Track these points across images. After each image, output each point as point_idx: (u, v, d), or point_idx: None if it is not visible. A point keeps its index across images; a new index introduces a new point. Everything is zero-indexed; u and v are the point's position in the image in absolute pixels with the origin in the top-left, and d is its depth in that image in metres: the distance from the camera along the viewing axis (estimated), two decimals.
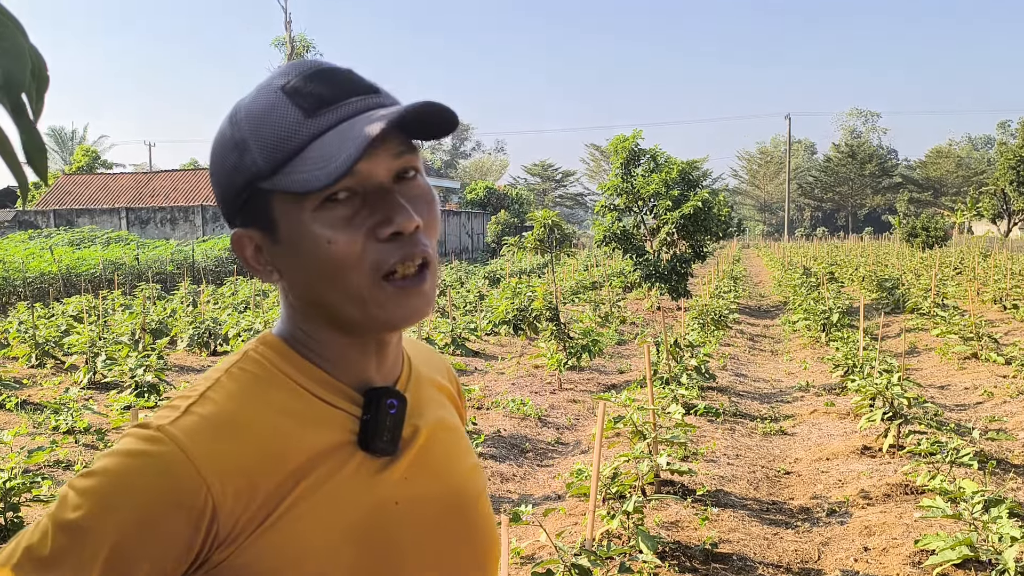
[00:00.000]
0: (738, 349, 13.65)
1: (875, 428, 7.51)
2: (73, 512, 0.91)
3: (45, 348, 12.13)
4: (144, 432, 0.95)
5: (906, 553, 5.07)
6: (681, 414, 7.12)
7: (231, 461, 0.96)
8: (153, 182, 42.85)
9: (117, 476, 0.93)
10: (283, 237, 1.01)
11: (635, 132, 19.72)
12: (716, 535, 5.41)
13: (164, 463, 0.93)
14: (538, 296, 12.86)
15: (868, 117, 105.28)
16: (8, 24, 0.81)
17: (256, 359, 1.06)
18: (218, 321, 13.99)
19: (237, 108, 1.04)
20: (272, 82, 1.02)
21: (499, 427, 8.17)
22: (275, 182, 0.98)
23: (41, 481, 5.75)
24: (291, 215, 1.00)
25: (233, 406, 1.00)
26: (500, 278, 25.62)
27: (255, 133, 1.00)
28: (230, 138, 1.02)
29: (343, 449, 1.03)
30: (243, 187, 1.01)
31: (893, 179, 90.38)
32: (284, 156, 0.98)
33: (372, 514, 1.03)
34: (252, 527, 0.96)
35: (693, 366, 9.67)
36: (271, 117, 0.99)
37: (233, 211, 1.05)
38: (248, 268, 1.07)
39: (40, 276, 23.17)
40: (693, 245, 19.78)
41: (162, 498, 0.92)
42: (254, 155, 0.99)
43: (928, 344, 13.10)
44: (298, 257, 1.01)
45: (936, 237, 39.33)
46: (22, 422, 8.51)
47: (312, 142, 0.97)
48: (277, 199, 1.00)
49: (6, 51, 0.79)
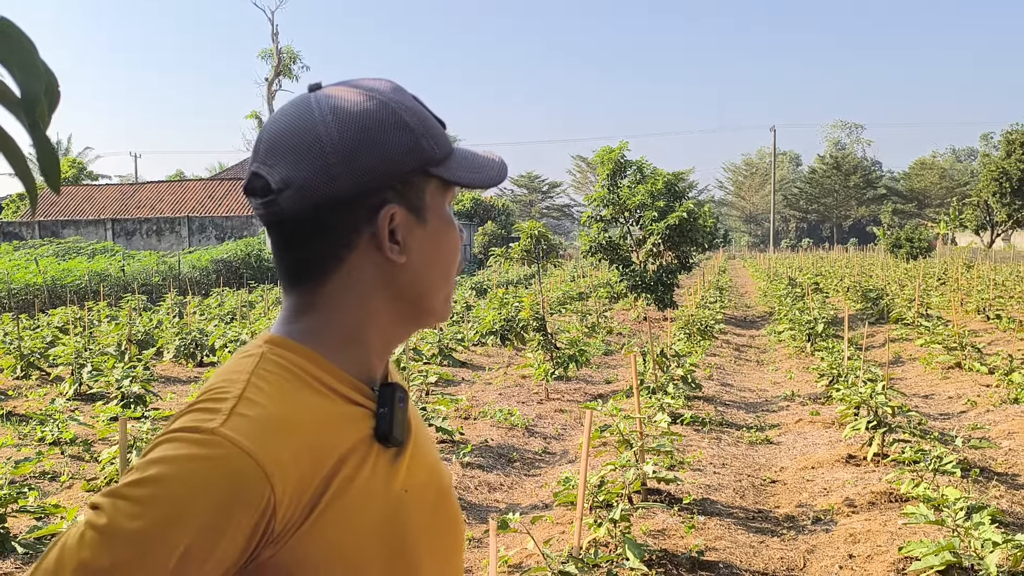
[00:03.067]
0: (724, 359, 13.71)
1: (860, 437, 7.57)
2: (133, 521, 0.90)
3: (30, 359, 12.07)
4: (197, 436, 0.95)
5: (890, 560, 5.12)
6: (667, 423, 7.17)
7: (288, 460, 0.97)
8: (139, 193, 42.70)
9: (181, 481, 0.92)
10: (429, 220, 1.12)
11: (621, 144, 19.82)
12: (703, 543, 5.45)
13: (230, 465, 0.93)
14: (525, 307, 12.90)
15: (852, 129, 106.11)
16: (23, 40, 0.84)
17: (276, 360, 1.06)
18: (205, 332, 13.96)
19: (373, 93, 1.09)
20: (387, 94, 1.10)
21: (486, 437, 8.19)
22: (447, 171, 1.11)
23: (27, 492, 5.74)
24: (438, 202, 1.13)
25: (275, 407, 1.01)
26: (487, 289, 25.63)
27: (422, 124, 1.10)
28: (391, 120, 1.07)
29: (364, 443, 1.07)
30: (414, 168, 1.09)
31: (877, 191, 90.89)
32: (446, 153, 1.11)
33: (392, 504, 1.07)
34: (297, 524, 0.98)
35: (679, 376, 9.72)
36: (429, 118, 1.12)
37: (373, 188, 1.07)
38: (391, 241, 1.09)
39: (25, 287, 23.05)
40: (679, 256, 19.86)
41: (232, 499, 0.92)
42: (429, 141, 1.09)
43: (912, 354, 13.19)
44: (437, 241, 1.13)
45: (920, 248, 39.62)
46: (8, 433, 8.48)
47: (453, 150, 1.13)
48: (433, 186, 1.12)
49: (23, 68, 0.82)
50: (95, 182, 54.84)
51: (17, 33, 0.84)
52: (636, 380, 6.29)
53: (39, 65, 0.84)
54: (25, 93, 0.82)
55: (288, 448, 0.98)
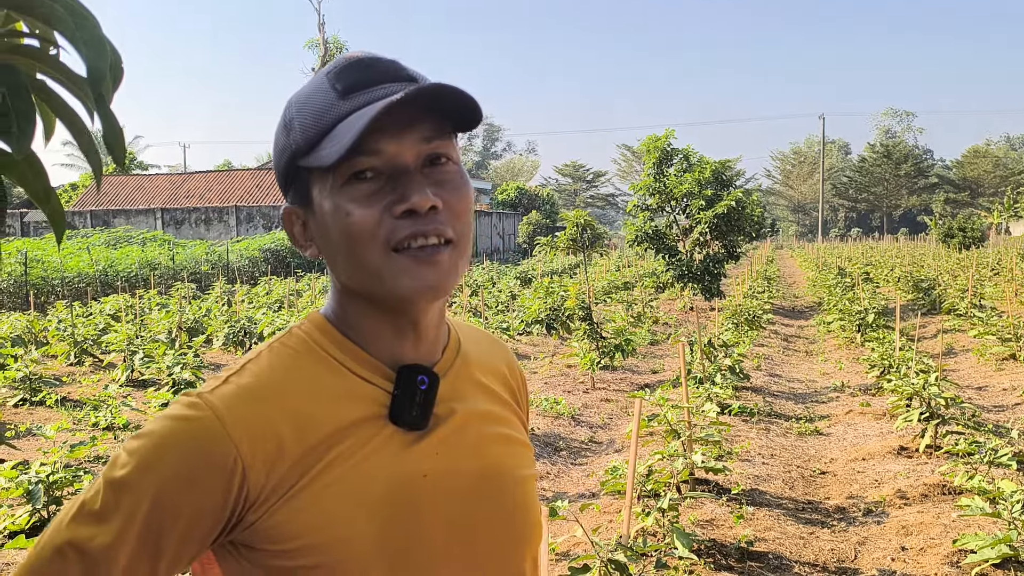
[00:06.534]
0: (772, 349, 13.58)
1: (912, 428, 7.45)
2: (120, 470, 0.99)
3: (84, 346, 12.30)
4: (187, 400, 1.03)
5: (944, 553, 5.03)
6: (716, 413, 7.12)
7: (260, 426, 1.02)
8: (188, 183, 43.29)
9: (159, 438, 1.00)
10: (317, 211, 1.08)
11: (667, 132, 19.67)
12: (751, 534, 5.39)
13: (199, 427, 1.00)
14: (571, 296, 12.86)
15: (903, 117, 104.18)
16: (88, 18, 0.85)
17: (299, 335, 1.12)
18: (253, 320, 14.11)
19: (293, 94, 1.12)
20: (322, 70, 1.10)
21: (533, 425, 8.19)
22: (307, 159, 1.05)
23: (82, 475, 5.84)
24: (322, 190, 1.06)
25: (268, 376, 1.07)
26: (531, 278, 25.62)
27: (299, 114, 1.07)
28: (282, 121, 1.11)
29: (374, 422, 1.08)
30: (287, 165, 1.09)
31: (929, 179, 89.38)
32: (318, 134, 1.05)
33: (399, 485, 1.07)
34: (282, 491, 1.02)
35: (727, 366, 9.64)
36: (311, 99, 1.07)
37: (285, 190, 1.13)
38: (294, 243, 1.15)
39: (78, 276, 23.48)
40: (726, 245, 19.68)
41: (195, 459, 0.99)
42: (296, 134, 1.07)
43: (965, 345, 12.95)
44: (327, 230, 1.07)
45: (973, 238, 38.83)
46: (62, 418, 8.64)
47: (340, 122, 1.04)
48: (314, 176, 1.07)
49: (88, 43, 0.82)
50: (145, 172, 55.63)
51: (83, 11, 0.85)
52: (684, 369, 6.24)
53: (105, 42, 0.84)
54: (91, 69, 0.82)
55: (263, 414, 1.03)
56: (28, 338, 12.85)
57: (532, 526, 1.21)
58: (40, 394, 9.51)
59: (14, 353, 10.54)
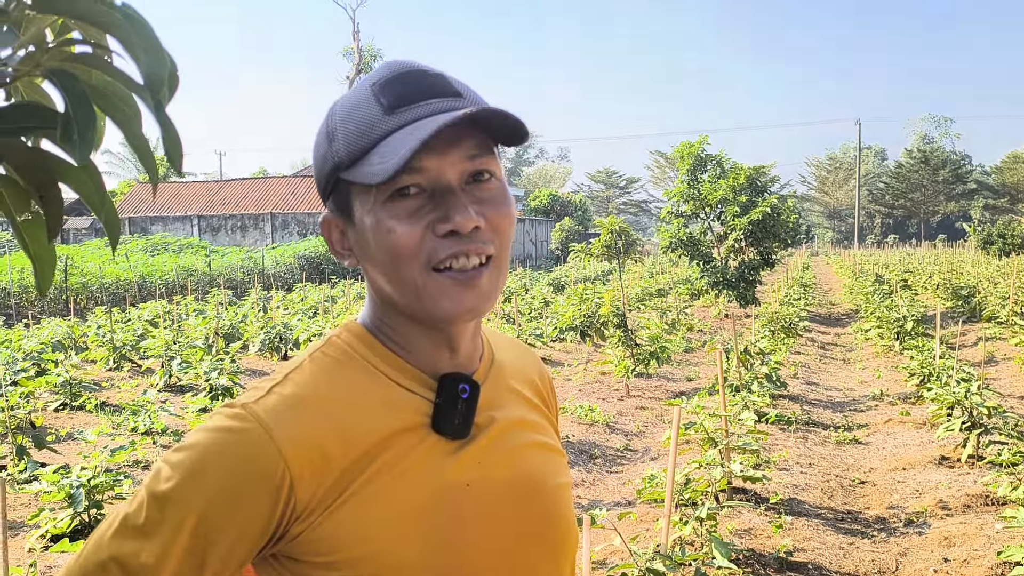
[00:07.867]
0: (809, 357, 13.45)
1: (953, 438, 7.35)
2: (164, 483, 0.98)
3: (122, 352, 12.43)
4: (230, 411, 1.02)
5: (988, 565, 4.95)
6: (753, 421, 7.05)
7: (307, 438, 1.01)
8: (224, 190, 43.69)
9: (204, 450, 0.99)
10: (358, 224, 1.07)
11: (701, 137, 19.57)
12: (790, 543, 5.34)
13: (246, 439, 0.99)
14: (605, 302, 12.81)
15: (941, 122, 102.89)
16: (145, 25, 0.85)
17: (339, 344, 1.11)
18: (288, 326, 14.20)
19: (336, 101, 1.11)
20: (366, 79, 1.08)
21: (567, 433, 8.16)
22: (351, 173, 1.04)
23: (123, 480, 5.90)
24: (365, 204, 1.05)
25: (312, 387, 1.06)
26: (564, 285, 25.59)
27: (343, 125, 1.06)
28: (324, 128, 1.10)
29: (417, 431, 1.07)
30: (329, 175, 1.08)
31: (967, 185, 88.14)
32: (362, 149, 1.04)
33: (442, 493, 1.06)
34: (328, 502, 1.01)
35: (764, 374, 9.55)
36: (357, 112, 1.06)
37: (324, 197, 1.13)
38: (332, 252, 1.14)
39: (116, 282, 23.79)
40: (761, 252, 19.52)
41: (243, 471, 0.98)
42: (339, 145, 1.06)
43: (1007, 353, 12.75)
44: (368, 244, 1.06)
45: (1014, 244, 38.22)
46: (102, 423, 8.74)
47: (386, 137, 1.02)
48: (356, 189, 1.06)
49: (146, 50, 0.83)
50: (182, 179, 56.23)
51: (140, 18, 0.85)
52: (721, 377, 6.19)
53: (162, 49, 0.84)
54: (149, 76, 0.82)
55: (310, 426, 1.02)
56: (68, 343, 13.00)
57: (570, 534, 1.20)
58: (80, 399, 9.62)
59: (55, 358, 10.68)
